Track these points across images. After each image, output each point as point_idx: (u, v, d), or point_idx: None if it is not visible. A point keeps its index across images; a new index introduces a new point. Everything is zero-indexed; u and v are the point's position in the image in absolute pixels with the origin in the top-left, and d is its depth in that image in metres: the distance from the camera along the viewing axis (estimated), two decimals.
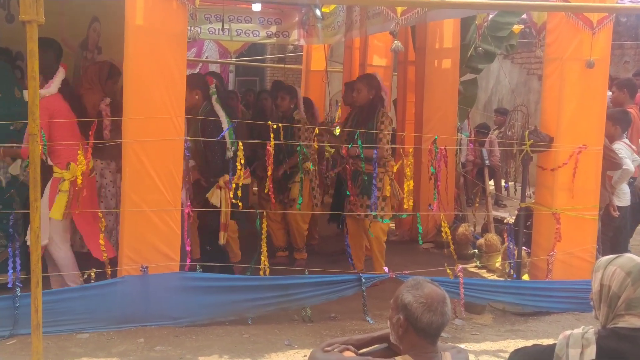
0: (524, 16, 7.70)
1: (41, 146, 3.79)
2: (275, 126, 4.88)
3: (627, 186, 5.99)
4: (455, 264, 5.11)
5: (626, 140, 5.89)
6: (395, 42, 4.54)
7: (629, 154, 5.74)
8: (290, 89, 6.57)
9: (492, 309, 5.21)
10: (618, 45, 10.04)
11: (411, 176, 5.64)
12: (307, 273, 4.87)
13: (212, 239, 5.24)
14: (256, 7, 8.86)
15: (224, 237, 5.18)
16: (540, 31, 5.68)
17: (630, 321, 2.27)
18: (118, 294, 4.48)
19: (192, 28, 4.55)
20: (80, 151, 4.61)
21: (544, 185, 5.29)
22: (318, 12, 7.84)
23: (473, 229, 7.25)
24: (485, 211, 7.41)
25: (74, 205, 4.72)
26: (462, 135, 8.59)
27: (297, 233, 6.35)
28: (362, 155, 5.34)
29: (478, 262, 6.31)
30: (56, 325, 4.33)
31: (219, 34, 9.50)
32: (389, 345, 2.54)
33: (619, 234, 6.03)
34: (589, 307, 2.53)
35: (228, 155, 5.02)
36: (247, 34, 9.83)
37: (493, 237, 6.45)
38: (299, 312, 4.88)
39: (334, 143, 6.08)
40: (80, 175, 4.59)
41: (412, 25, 7.23)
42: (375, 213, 5.42)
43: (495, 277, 6.09)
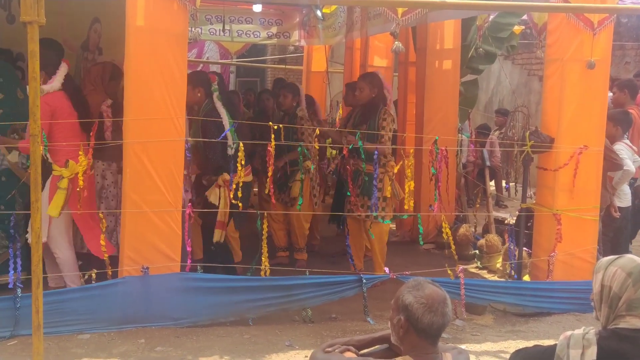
0: (524, 17, 7.71)
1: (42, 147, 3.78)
2: (276, 127, 4.87)
3: (627, 187, 6.00)
4: (456, 264, 5.11)
5: (627, 141, 5.89)
6: (396, 43, 4.54)
7: (629, 154, 5.74)
8: (292, 86, 6.55)
9: (492, 309, 5.21)
10: (619, 46, 10.04)
11: (412, 177, 5.64)
12: (308, 274, 4.88)
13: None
14: (257, 8, 8.86)
15: (220, 235, 5.15)
16: (541, 32, 5.68)
17: (631, 322, 2.27)
18: (119, 294, 4.48)
19: (192, 29, 4.55)
20: (81, 151, 4.62)
21: (544, 186, 5.29)
22: (319, 13, 7.83)
23: (474, 229, 7.25)
24: (486, 212, 7.41)
25: (74, 205, 4.72)
26: (463, 136, 8.59)
27: (299, 232, 6.33)
28: (363, 155, 5.34)
29: (479, 262, 6.30)
30: (57, 326, 4.33)
31: (219, 34, 9.49)
32: (389, 346, 2.54)
33: (619, 234, 6.03)
34: (589, 308, 2.53)
35: (229, 152, 4.98)
36: (248, 35, 9.84)
37: (494, 237, 6.45)
38: (299, 312, 4.88)
39: (337, 139, 6.03)
40: (82, 174, 4.59)
41: (413, 26, 7.23)
42: (376, 214, 5.42)
43: (496, 278, 6.08)
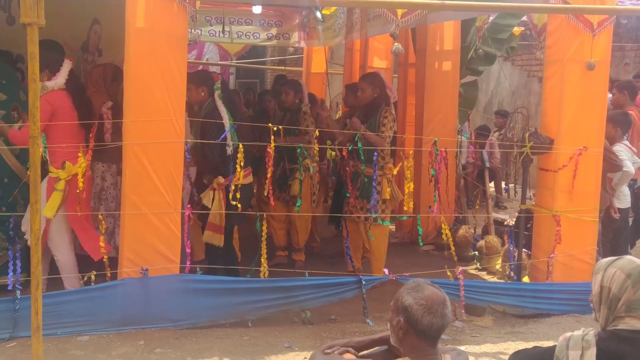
0: (524, 18, 7.72)
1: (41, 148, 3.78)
2: (275, 128, 4.87)
3: (627, 188, 6.00)
4: (455, 266, 5.11)
5: (627, 142, 5.89)
6: (396, 44, 4.55)
7: (629, 156, 5.74)
8: (294, 83, 6.53)
9: (492, 311, 5.21)
10: (618, 47, 10.05)
11: (411, 178, 5.64)
12: (307, 275, 4.88)
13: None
14: (256, 9, 8.86)
15: (211, 237, 5.13)
16: (541, 33, 5.68)
17: (631, 323, 2.27)
18: (118, 296, 4.48)
19: (192, 30, 4.55)
20: (80, 152, 4.61)
21: (544, 187, 5.29)
22: (318, 15, 7.82)
23: (473, 231, 7.25)
24: (485, 213, 7.41)
25: (72, 206, 4.71)
26: (463, 137, 8.60)
27: (300, 232, 6.31)
28: (362, 157, 5.34)
29: (478, 264, 6.31)
30: (56, 328, 4.32)
31: (219, 36, 9.49)
32: (389, 348, 2.54)
33: (619, 235, 6.03)
34: (589, 309, 2.53)
35: (228, 152, 4.96)
36: (248, 36, 9.83)
37: (493, 239, 6.45)
38: (299, 314, 4.88)
39: (338, 137, 6.02)
40: (81, 176, 4.59)
41: (413, 27, 7.23)
42: (375, 215, 5.41)
43: (495, 279, 6.09)
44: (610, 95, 6.23)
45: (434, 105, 7.22)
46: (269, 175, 4.91)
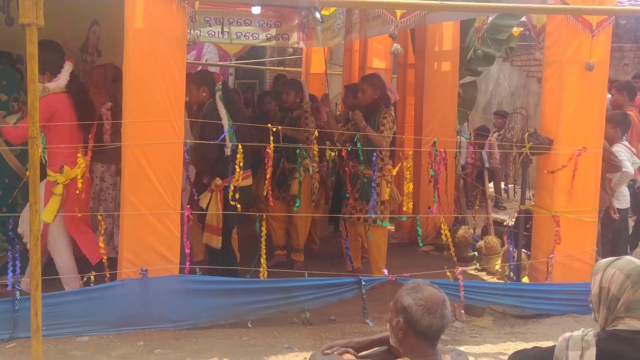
0: (523, 19, 7.73)
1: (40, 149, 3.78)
2: (274, 129, 4.87)
3: (626, 189, 6.01)
4: (455, 266, 5.11)
5: (626, 143, 5.89)
6: (395, 44, 4.55)
7: (628, 156, 5.75)
8: (294, 82, 6.52)
9: (491, 311, 5.21)
10: (617, 47, 10.05)
11: (411, 179, 5.64)
12: (306, 276, 4.88)
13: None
14: (256, 10, 8.84)
15: (209, 238, 5.13)
16: (540, 34, 5.68)
17: (630, 323, 2.27)
18: (118, 296, 4.47)
19: (191, 31, 4.55)
20: (79, 154, 4.60)
21: (543, 187, 5.29)
22: (317, 15, 7.82)
23: (473, 231, 7.25)
24: (485, 214, 7.41)
25: (70, 210, 4.70)
26: (462, 138, 8.59)
27: (300, 232, 6.30)
28: (362, 157, 5.33)
29: (478, 264, 6.30)
30: (56, 328, 4.32)
31: (218, 36, 9.49)
32: (388, 348, 2.54)
33: (618, 236, 6.04)
34: (588, 310, 2.53)
35: (227, 153, 4.96)
36: (247, 37, 9.83)
37: (493, 239, 6.45)
38: (298, 315, 4.88)
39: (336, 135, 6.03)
40: (81, 178, 4.58)
41: (412, 27, 7.24)
42: (375, 216, 5.41)
43: (495, 280, 6.09)
44: (609, 96, 6.23)
45: (433, 106, 7.22)
46: (268, 176, 4.91)
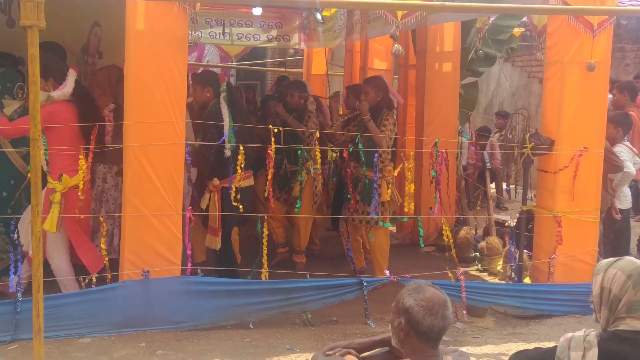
0: (524, 19, 7.71)
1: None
2: (276, 130, 4.87)
3: (628, 189, 6.00)
4: (456, 267, 5.11)
5: (627, 143, 5.89)
6: (396, 45, 4.54)
7: (630, 156, 5.74)
8: (298, 83, 6.53)
9: (493, 312, 5.20)
10: (619, 47, 10.05)
11: (412, 179, 5.64)
12: (308, 277, 4.88)
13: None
14: (257, 11, 8.86)
15: (214, 242, 5.13)
16: (541, 34, 5.69)
17: (632, 324, 2.27)
18: (119, 298, 4.47)
19: (192, 32, 4.55)
20: (81, 156, 4.60)
21: (545, 188, 5.29)
22: (319, 16, 7.85)
23: (474, 232, 7.25)
24: (486, 214, 7.41)
25: (70, 219, 4.67)
26: (463, 139, 8.59)
27: (302, 233, 6.29)
28: (363, 158, 5.33)
29: (479, 265, 6.30)
30: (58, 330, 4.32)
31: (219, 38, 9.50)
32: (390, 349, 2.54)
33: (620, 236, 6.03)
34: (590, 310, 2.52)
35: (226, 154, 4.95)
36: (248, 38, 9.84)
37: (494, 240, 6.45)
38: (300, 316, 4.88)
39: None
40: (82, 183, 4.57)
41: (413, 28, 7.24)
42: (376, 217, 5.41)
43: (496, 280, 6.08)
44: (610, 96, 6.23)
45: (434, 107, 7.22)
46: (269, 177, 4.91)
